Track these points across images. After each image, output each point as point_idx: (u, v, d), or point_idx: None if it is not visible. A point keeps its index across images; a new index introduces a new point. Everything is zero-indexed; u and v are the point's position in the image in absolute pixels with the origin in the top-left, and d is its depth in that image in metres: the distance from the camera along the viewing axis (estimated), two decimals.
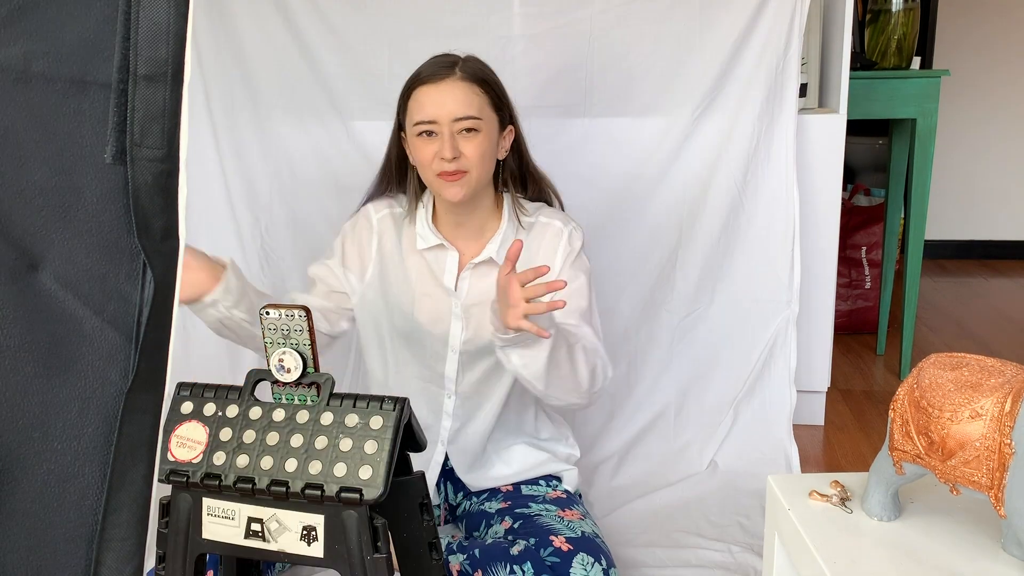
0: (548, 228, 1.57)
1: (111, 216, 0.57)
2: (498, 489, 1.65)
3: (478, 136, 1.46)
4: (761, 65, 2.04)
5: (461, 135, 1.45)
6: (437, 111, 1.44)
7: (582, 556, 1.40)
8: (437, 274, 1.58)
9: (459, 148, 1.44)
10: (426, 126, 1.46)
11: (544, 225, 1.57)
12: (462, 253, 1.58)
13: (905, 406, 0.96)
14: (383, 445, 1.00)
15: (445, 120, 1.44)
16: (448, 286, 1.57)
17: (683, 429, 2.14)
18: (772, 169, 2.09)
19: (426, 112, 1.45)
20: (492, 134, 1.49)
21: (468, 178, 1.46)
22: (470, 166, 1.45)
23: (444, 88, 1.45)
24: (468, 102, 1.45)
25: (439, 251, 1.58)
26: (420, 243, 1.57)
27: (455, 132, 1.44)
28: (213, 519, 1.04)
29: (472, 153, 1.45)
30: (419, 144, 1.48)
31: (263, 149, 2.17)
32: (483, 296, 1.55)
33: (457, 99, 1.45)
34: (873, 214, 3.16)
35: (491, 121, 1.49)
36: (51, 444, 0.57)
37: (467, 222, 1.56)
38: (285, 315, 1.02)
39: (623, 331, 2.16)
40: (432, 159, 1.46)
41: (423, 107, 1.46)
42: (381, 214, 1.61)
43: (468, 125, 1.45)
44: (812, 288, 2.22)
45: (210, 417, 1.06)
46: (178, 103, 0.56)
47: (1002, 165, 4.55)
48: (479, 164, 1.46)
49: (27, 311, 0.56)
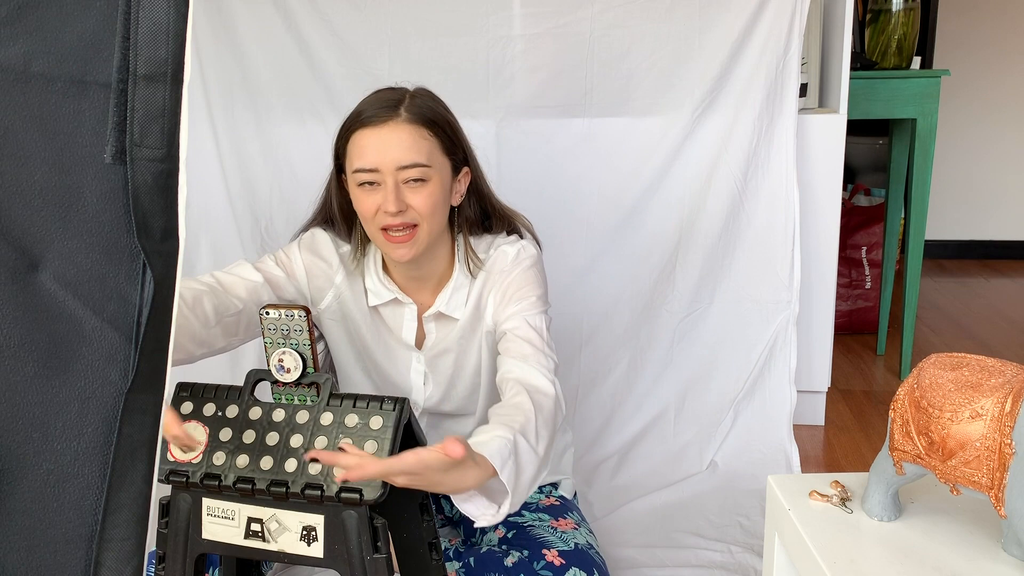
0: (498, 257, 1.42)
1: (111, 216, 0.57)
2: None
3: (426, 187, 1.29)
4: (761, 65, 2.04)
5: (407, 185, 1.28)
6: (379, 158, 1.27)
7: (575, 571, 1.39)
8: (395, 330, 1.45)
9: (405, 200, 1.28)
10: (367, 175, 1.28)
11: (492, 257, 1.42)
12: (420, 304, 1.44)
13: (905, 406, 0.96)
14: (383, 445, 1.00)
15: (388, 169, 1.27)
16: (408, 341, 1.45)
17: (683, 429, 2.14)
18: (772, 169, 2.09)
19: (366, 159, 1.28)
20: (443, 181, 1.33)
21: (417, 235, 1.30)
22: (419, 219, 1.29)
23: (386, 132, 1.27)
24: (415, 148, 1.28)
25: (395, 305, 1.44)
26: (373, 299, 1.43)
27: (400, 182, 1.28)
28: (213, 519, 1.04)
29: (421, 205, 1.29)
30: (360, 195, 1.31)
31: (263, 149, 2.17)
32: (446, 348, 1.44)
33: (402, 144, 1.27)
34: (873, 214, 3.16)
35: (442, 167, 1.32)
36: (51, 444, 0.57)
37: (421, 276, 1.42)
38: (285, 315, 1.02)
39: (623, 331, 2.16)
40: (375, 212, 1.29)
41: (363, 153, 1.29)
42: (343, 250, 1.44)
43: (415, 175, 1.28)
44: (812, 288, 2.22)
45: (210, 417, 1.06)
46: (178, 103, 0.56)
47: (1002, 165, 4.55)
48: (429, 217, 1.30)
49: (27, 311, 0.56)
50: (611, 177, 2.12)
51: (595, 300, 2.15)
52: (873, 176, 3.71)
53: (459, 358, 1.46)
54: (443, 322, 1.45)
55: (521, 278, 1.39)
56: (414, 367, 1.47)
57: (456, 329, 1.44)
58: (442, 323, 1.45)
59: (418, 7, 2.09)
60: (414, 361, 1.47)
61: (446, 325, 1.45)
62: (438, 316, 1.44)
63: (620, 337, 2.16)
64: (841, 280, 2.83)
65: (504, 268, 1.41)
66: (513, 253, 1.42)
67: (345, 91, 2.12)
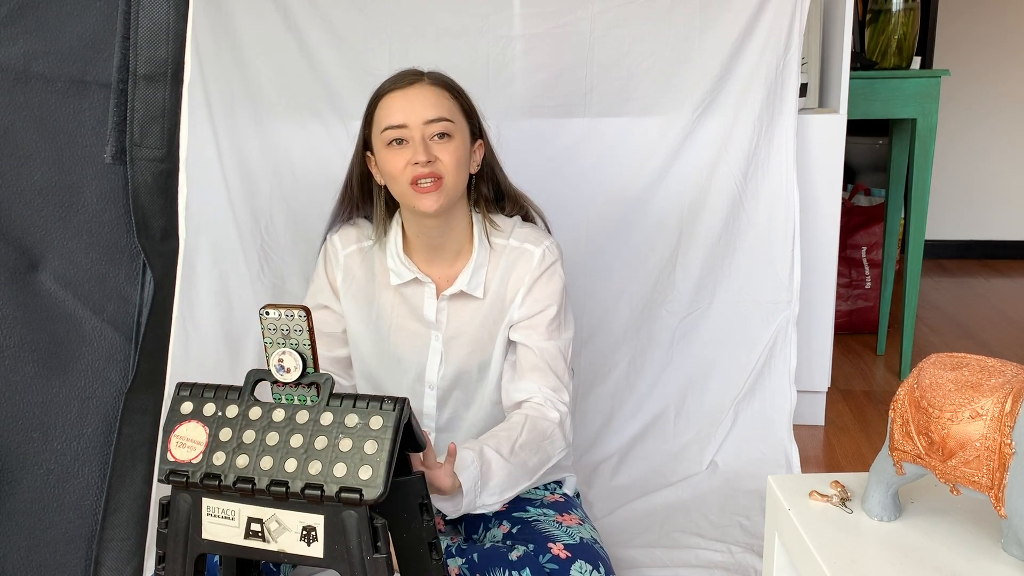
0: (522, 254, 1.51)
1: (111, 216, 0.57)
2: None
3: (452, 141, 1.41)
4: (761, 65, 2.04)
5: (434, 141, 1.40)
6: (407, 116, 1.39)
7: (580, 564, 1.39)
8: (415, 308, 1.53)
9: (433, 153, 1.39)
10: (396, 131, 1.40)
11: (517, 250, 1.52)
12: (438, 282, 1.52)
13: (905, 406, 0.96)
14: (383, 445, 1.00)
15: (416, 123, 1.39)
16: (429, 318, 1.52)
17: (683, 429, 2.14)
18: (772, 169, 2.09)
19: (395, 117, 1.40)
20: (465, 140, 1.44)
21: (444, 186, 1.40)
22: (445, 172, 1.39)
23: (413, 92, 1.41)
24: (440, 104, 1.41)
25: (414, 285, 1.53)
26: (394, 279, 1.52)
27: (427, 137, 1.39)
28: (213, 519, 1.04)
29: (447, 158, 1.39)
30: (389, 155, 1.41)
31: (263, 149, 2.17)
32: (462, 328, 1.52)
33: (427, 101, 1.40)
34: (873, 214, 3.16)
35: (463, 127, 1.44)
36: (51, 444, 0.57)
37: (442, 245, 1.50)
38: (285, 315, 1.02)
39: (623, 331, 2.16)
40: (404, 168, 1.39)
41: (391, 113, 1.41)
42: (349, 250, 1.56)
43: (440, 129, 1.40)
44: (812, 288, 2.22)
45: (210, 417, 1.06)
46: (178, 103, 0.56)
47: (1002, 165, 4.55)
48: (454, 171, 1.40)
49: (27, 311, 0.56)
50: (611, 177, 2.12)
51: (595, 300, 2.15)
52: (873, 176, 3.71)
53: (474, 339, 1.52)
54: (459, 303, 1.51)
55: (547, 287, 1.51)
56: (432, 345, 1.52)
57: (473, 311, 1.51)
58: (457, 304, 1.51)
59: (418, 7, 2.09)
60: (432, 340, 1.52)
61: (462, 307, 1.51)
62: (455, 297, 1.51)
63: (620, 337, 2.16)
64: (841, 280, 2.83)
65: (531, 269, 1.50)
66: (535, 250, 1.51)
67: (345, 91, 2.12)
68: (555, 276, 1.52)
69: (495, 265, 1.51)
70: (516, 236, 1.52)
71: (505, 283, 1.51)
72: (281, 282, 2.20)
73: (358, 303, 1.55)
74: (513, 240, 1.52)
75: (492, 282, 1.51)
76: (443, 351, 1.52)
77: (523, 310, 1.50)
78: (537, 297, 1.50)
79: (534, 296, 1.50)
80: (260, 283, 2.20)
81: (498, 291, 1.51)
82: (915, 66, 2.62)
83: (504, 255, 1.51)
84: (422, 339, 1.53)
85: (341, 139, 2.16)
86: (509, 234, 1.52)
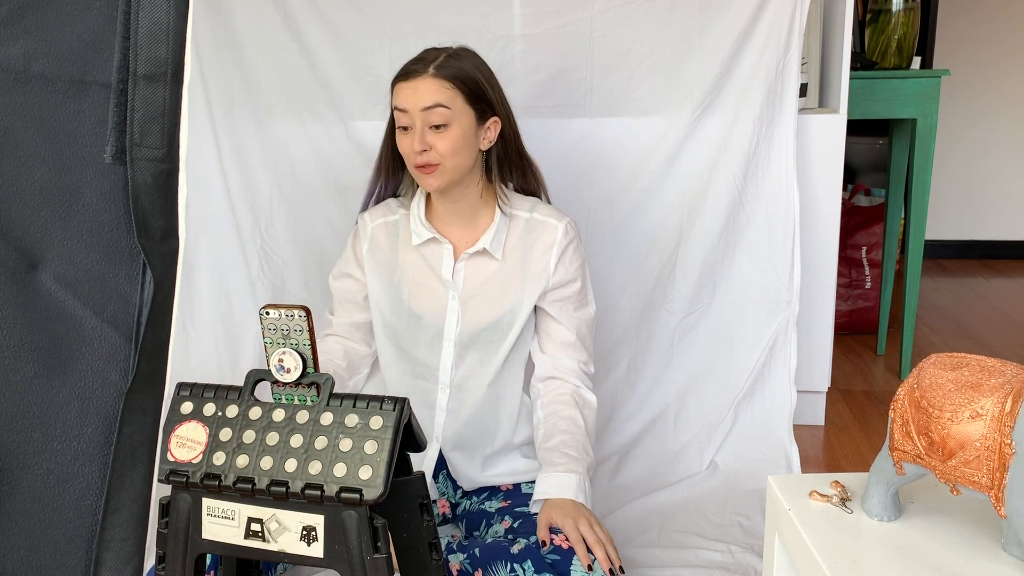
0: (545, 227, 1.63)
1: (111, 216, 0.57)
2: (498, 488, 1.65)
3: (448, 131, 1.52)
4: (761, 65, 2.04)
5: (431, 131, 1.52)
6: (407, 102, 1.52)
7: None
8: (434, 267, 1.64)
9: (428, 142, 1.51)
10: (401, 116, 1.54)
11: (541, 223, 1.63)
12: (456, 244, 1.63)
13: (905, 406, 0.96)
14: (383, 445, 1.01)
15: (415, 110, 1.51)
16: (446, 277, 1.62)
17: (683, 429, 2.14)
18: (772, 169, 2.09)
19: (399, 102, 1.54)
20: (465, 127, 1.54)
21: (442, 169, 1.53)
22: (441, 159, 1.52)
23: (413, 84, 1.52)
24: (437, 94, 1.51)
25: (434, 244, 1.64)
26: (415, 239, 1.64)
27: (425, 125, 1.51)
28: (213, 519, 1.04)
29: (442, 146, 1.52)
30: (399, 137, 1.56)
31: (263, 149, 2.17)
32: (479, 287, 1.62)
33: (425, 92, 1.51)
34: (873, 214, 3.16)
35: (464, 114, 1.53)
36: (51, 444, 0.57)
37: (459, 210, 1.62)
38: (285, 315, 1.02)
39: (623, 331, 2.16)
40: (408, 151, 1.55)
41: (397, 99, 1.55)
42: (376, 223, 1.69)
43: (436, 119, 1.51)
44: (812, 288, 2.22)
45: (210, 417, 1.06)
46: (178, 103, 0.56)
47: (1002, 165, 4.55)
48: (451, 157, 1.53)
49: (27, 311, 0.56)
50: (611, 177, 2.12)
51: (595, 300, 2.15)
52: (873, 176, 3.71)
53: (491, 301, 1.62)
54: (476, 265, 1.62)
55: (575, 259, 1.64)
56: (450, 305, 1.62)
57: (491, 274, 1.62)
58: (474, 266, 1.63)
59: (418, 7, 2.09)
60: (450, 299, 1.62)
61: (480, 269, 1.62)
62: (473, 257, 1.62)
63: (620, 337, 2.16)
64: (841, 280, 2.83)
65: (557, 239, 1.62)
66: (558, 225, 1.63)
67: (345, 91, 2.12)
68: (579, 250, 1.65)
69: (514, 232, 1.62)
70: (539, 211, 1.64)
71: (529, 251, 1.62)
72: (281, 282, 2.20)
73: (380, 266, 1.66)
74: (536, 214, 1.64)
75: (511, 248, 1.62)
76: (459, 311, 1.62)
77: (557, 276, 1.61)
78: (567, 266, 1.62)
79: (565, 264, 1.62)
80: (260, 283, 2.20)
81: (521, 258, 1.62)
82: (915, 66, 2.62)
83: (524, 225, 1.63)
84: (440, 298, 1.63)
85: (341, 139, 2.16)
86: (532, 208, 1.65)
